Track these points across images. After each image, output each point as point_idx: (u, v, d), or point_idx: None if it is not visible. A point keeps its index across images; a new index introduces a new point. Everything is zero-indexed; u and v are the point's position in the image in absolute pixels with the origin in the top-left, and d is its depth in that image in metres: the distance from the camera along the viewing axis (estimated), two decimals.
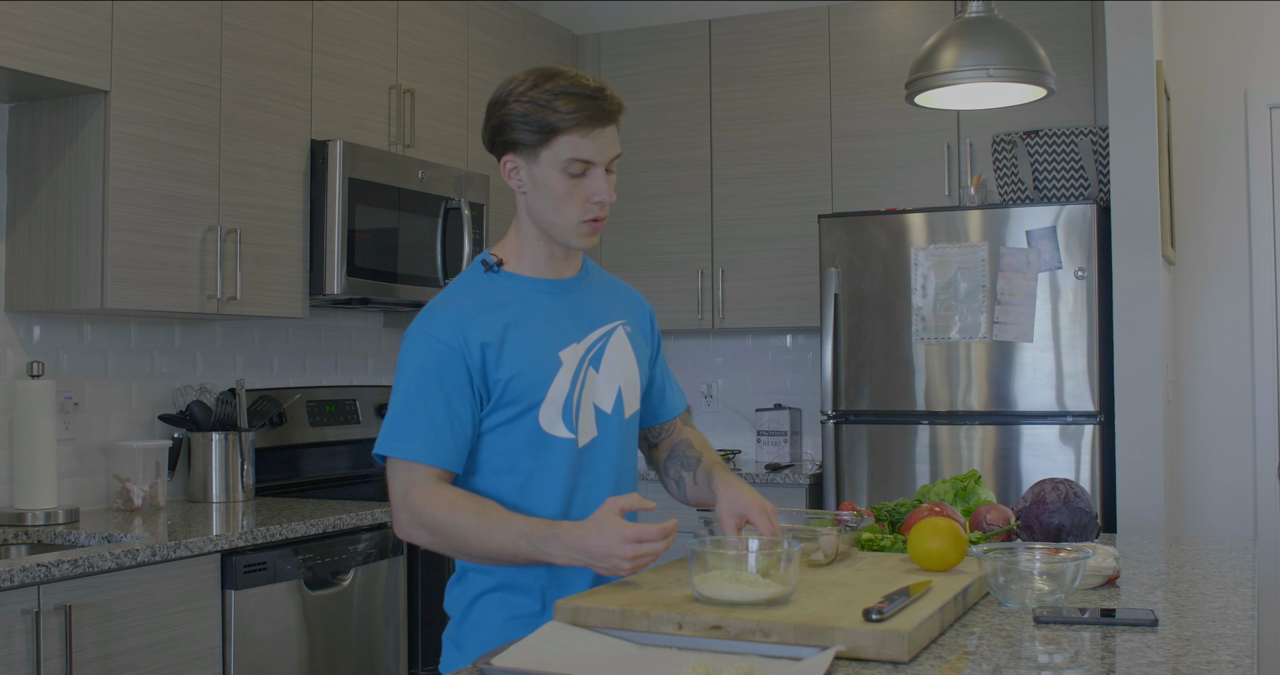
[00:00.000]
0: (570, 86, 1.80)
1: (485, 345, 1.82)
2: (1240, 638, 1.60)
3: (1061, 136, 4.07)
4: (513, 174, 1.87)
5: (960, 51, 2.64)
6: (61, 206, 3.05)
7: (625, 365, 1.96)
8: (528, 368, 1.84)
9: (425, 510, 1.78)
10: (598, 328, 1.94)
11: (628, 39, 4.94)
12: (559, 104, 1.79)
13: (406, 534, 1.82)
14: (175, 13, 3.17)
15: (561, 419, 1.86)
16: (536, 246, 1.92)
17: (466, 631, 1.89)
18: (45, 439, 3.02)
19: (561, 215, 1.85)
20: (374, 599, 3.27)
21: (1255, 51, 4.43)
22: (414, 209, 3.88)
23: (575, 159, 1.81)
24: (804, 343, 4.99)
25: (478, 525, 1.76)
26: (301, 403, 3.89)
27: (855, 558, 1.99)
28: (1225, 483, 4.43)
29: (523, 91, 1.81)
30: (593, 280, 2.02)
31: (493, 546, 1.76)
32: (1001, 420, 3.93)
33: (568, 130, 1.80)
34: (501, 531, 1.75)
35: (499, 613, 1.87)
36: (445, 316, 1.84)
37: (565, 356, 1.88)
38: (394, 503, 1.82)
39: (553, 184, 1.83)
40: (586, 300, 1.97)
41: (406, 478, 1.80)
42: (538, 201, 1.86)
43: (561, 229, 1.87)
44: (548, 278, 1.93)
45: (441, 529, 1.77)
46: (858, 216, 4.14)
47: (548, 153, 1.81)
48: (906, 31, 4.50)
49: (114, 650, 2.57)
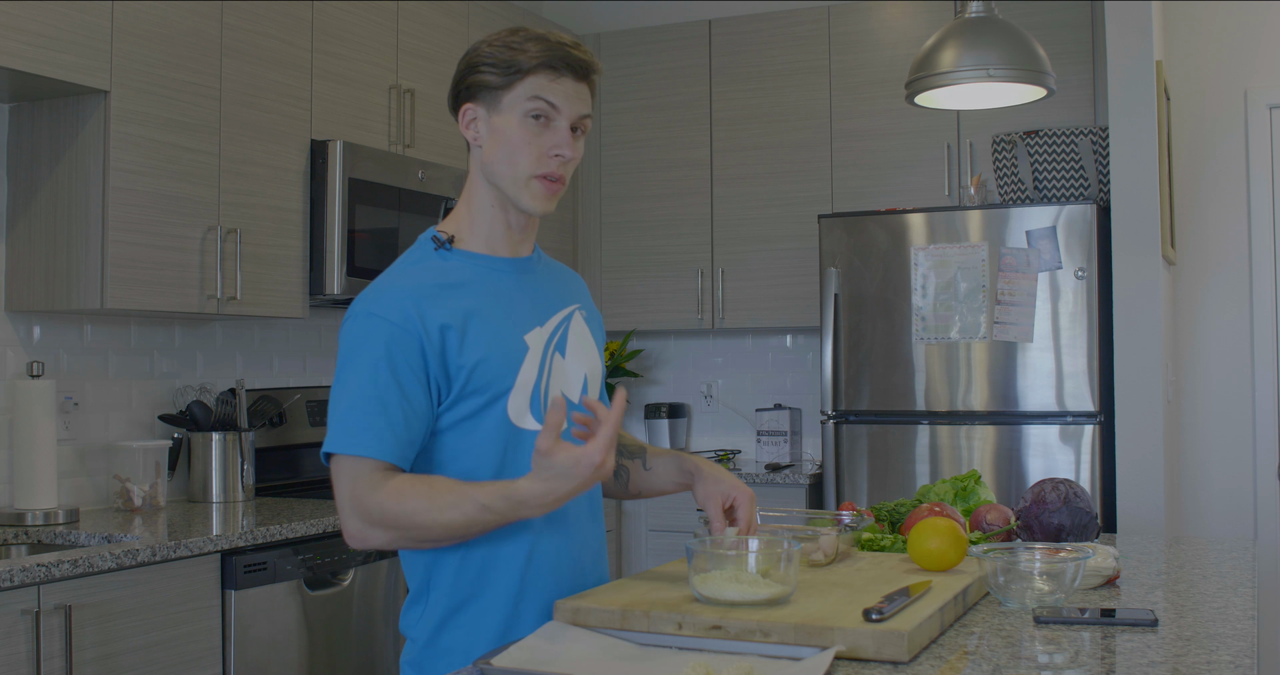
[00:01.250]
0: (544, 35, 1.73)
1: (445, 327, 1.66)
2: (1240, 638, 1.60)
3: (1061, 136, 4.07)
4: (471, 125, 1.74)
5: (960, 51, 2.64)
6: (61, 206, 3.05)
7: (588, 352, 1.84)
8: (494, 352, 1.68)
9: (374, 507, 1.60)
10: (557, 311, 1.81)
11: (628, 39, 4.94)
12: (529, 46, 1.70)
13: (359, 540, 1.63)
14: (175, 13, 3.17)
15: (530, 410, 1.71)
16: (491, 215, 1.77)
17: (434, 657, 1.72)
18: (45, 439, 3.02)
19: (515, 165, 1.71)
20: (374, 599, 3.27)
21: (1255, 51, 4.43)
22: (414, 209, 3.88)
23: (538, 98, 1.69)
24: (804, 343, 4.99)
25: (431, 507, 1.59)
26: (301, 403, 3.89)
27: (855, 558, 1.99)
28: (1225, 483, 4.43)
29: (494, 38, 1.74)
30: (544, 263, 1.88)
31: (456, 526, 1.60)
32: (1002, 420, 3.93)
33: (534, 71, 1.69)
34: (458, 508, 1.58)
35: (469, 634, 1.70)
36: (396, 296, 1.67)
37: (530, 341, 1.73)
38: (341, 508, 1.63)
39: (512, 130, 1.70)
40: (544, 282, 1.83)
41: (352, 477, 1.62)
42: (493, 152, 1.72)
43: (513, 182, 1.72)
44: (505, 256, 1.79)
45: (394, 522, 1.60)
46: (858, 216, 4.14)
47: (510, 96, 1.70)
48: (906, 31, 4.50)
49: (114, 650, 2.56)
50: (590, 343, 1.85)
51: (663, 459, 1.91)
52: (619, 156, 4.94)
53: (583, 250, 4.98)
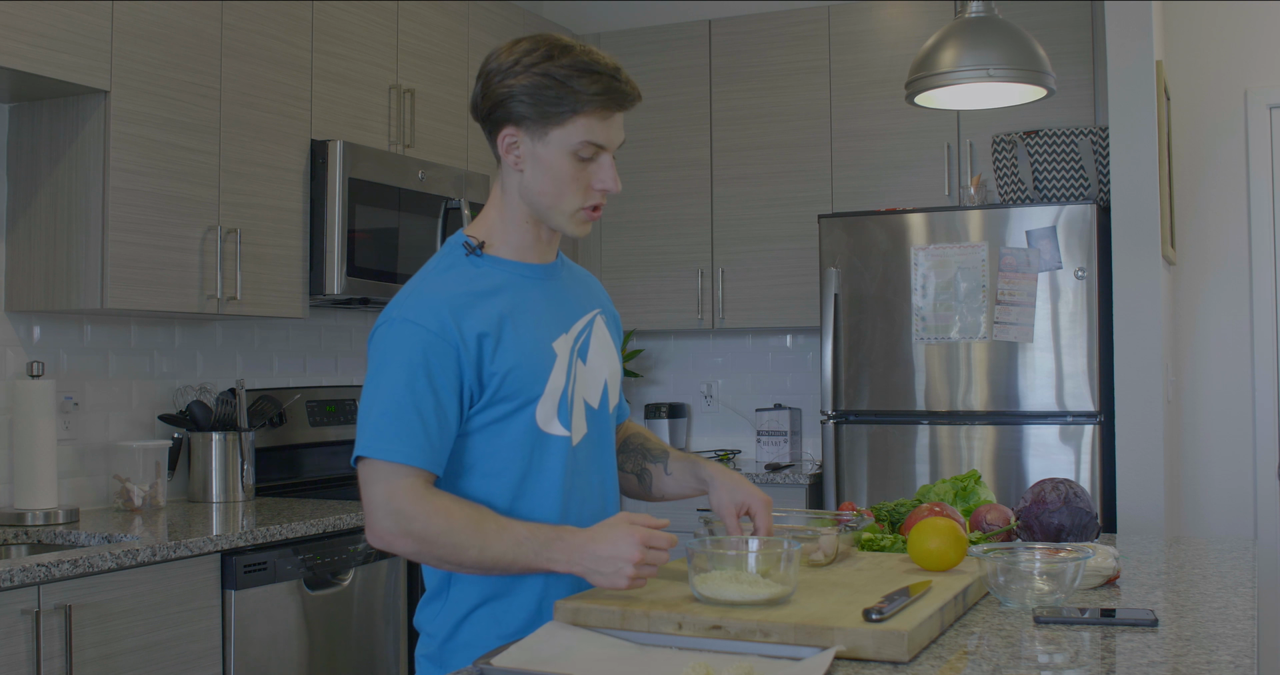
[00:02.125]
0: (590, 64, 1.68)
1: (483, 336, 1.67)
2: (1240, 638, 1.60)
3: (1061, 136, 4.07)
4: (511, 149, 1.71)
5: (960, 51, 2.64)
6: (61, 206, 3.05)
7: (608, 357, 1.85)
8: (525, 360, 1.70)
9: (416, 518, 1.61)
10: (580, 317, 1.82)
11: (628, 39, 4.94)
12: (579, 83, 1.66)
13: (385, 542, 1.64)
14: (175, 13, 3.17)
15: (558, 416, 1.73)
16: (524, 228, 1.77)
17: (454, 651, 1.73)
18: (45, 439, 3.02)
19: (562, 200, 1.72)
20: (374, 599, 3.27)
21: (1255, 51, 4.43)
22: (414, 209, 3.88)
23: (589, 142, 1.69)
24: (804, 343, 4.99)
25: (475, 533, 1.61)
26: (301, 403, 3.89)
27: (855, 558, 1.99)
28: (1225, 483, 4.43)
29: (533, 62, 1.67)
30: (566, 266, 1.89)
31: (489, 555, 1.61)
32: (1002, 420, 3.93)
33: (586, 112, 1.67)
34: (500, 539, 1.61)
35: (493, 629, 1.72)
36: (433, 304, 1.67)
37: (558, 348, 1.75)
38: (374, 508, 1.64)
39: (558, 166, 1.70)
40: (567, 288, 1.84)
41: (389, 481, 1.63)
42: (537, 182, 1.71)
43: (558, 214, 1.73)
44: (533, 263, 1.79)
45: (433, 538, 1.61)
46: (858, 216, 4.14)
47: (560, 132, 1.68)
48: (906, 31, 4.50)
49: (114, 650, 2.56)
50: (610, 346, 1.87)
51: (681, 464, 1.92)
52: (619, 156, 4.91)
53: (583, 250, 4.98)
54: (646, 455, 1.95)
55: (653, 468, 1.94)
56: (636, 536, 1.58)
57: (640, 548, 1.58)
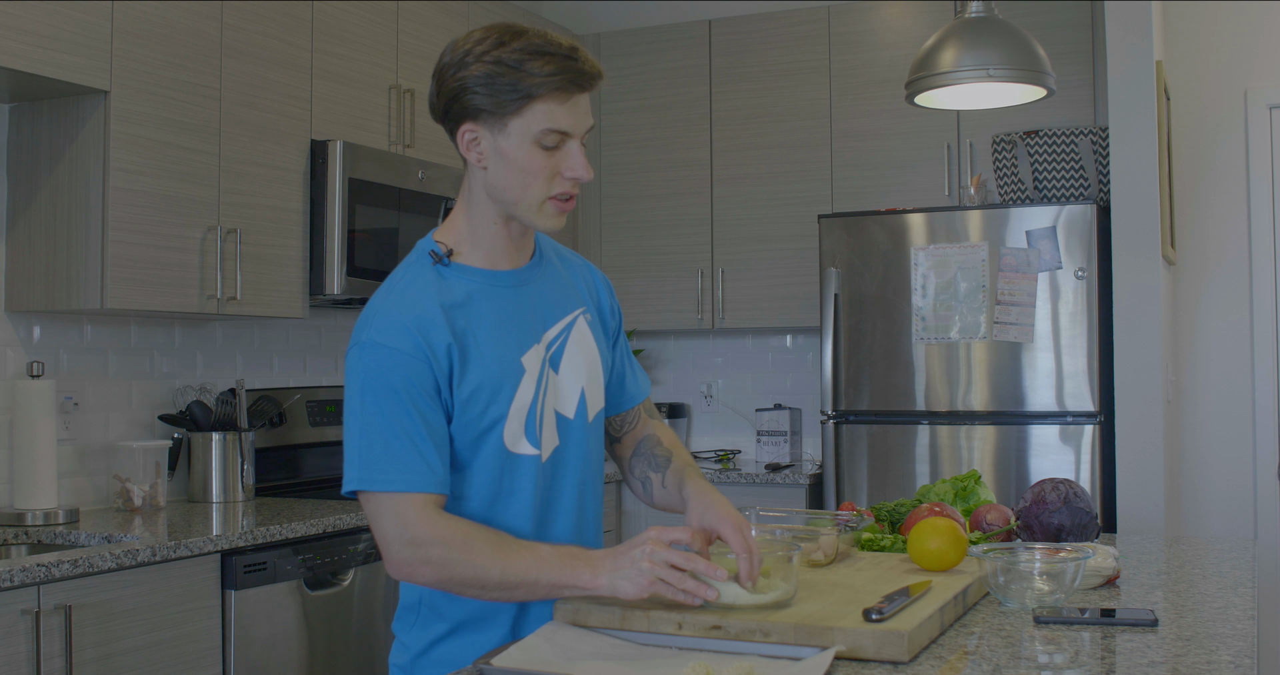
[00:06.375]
0: (543, 45, 1.58)
1: (450, 347, 1.62)
2: (1240, 638, 1.60)
3: (1061, 136, 4.07)
4: (472, 145, 1.64)
5: (960, 51, 2.63)
6: (61, 206, 3.05)
7: (588, 361, 1.77)
8: (490, 379, 1.63)
9: (434, 544, 1.56)
10: (557, 321, 1.74)
11: (628, 39, 4.94)
12: (532, 66, 1.57)
13: (405, 573, 1.59)
14: (175, 13, 3.17)
15: (525, 434, 1.67)
16: (493, 231, 1.70)
17: (425, 667, 1.69)
18: (45, 439, 3.02)
19: (529, 192, 1.63)
20: (374, 599, 3.27)
21: (1255, 51, 4.43)
22: (414, 209, 3.88)
23: (551, 130, 1.60)
24: (804, 343, 4.99)
25: (496, 553, 1.56)
26: (301, 403, 3.89)
27: (855, 558, 1.99)
28: (1225, 483, 4.43)
29: (484, 51, 1.58)
30: (547, 262, 1.80)
31: (512, 573, 1.56)
32: (1001, 420, 3.93)
33: (543, 96, 1.58)
34: (522, 557, 1.57)
35: (467, 651, 1.67)
36: (399, 322, 1.61)
37: (528, 362, 1.67)
38: (387, 543, 1.59)
39: (522, 157, 1.61)
40: (544, 290, 1.76)
41: (397, 513, 1.58)
42: (501, 177, 1.64)
43: (527, 208, 1.65)
44: (504, 269, 1.71)
45: (454, 562, 1.56)
46: (858, 216, 4.14)
47: (519, 122, 1.59)
48: (906, 31, 4.50)
49: (114, 650, 2.56)
50: (592, 350, 1.79)
51: (673, 478, 1.83)
52: (619, 156, 4.94)
53: (583, 250, 4.98)
54: (652, 462, 1.89)
55: (654, 477, 1.88)
56: (656, 534, 1.56)
57: (660, 566, 1.53)
